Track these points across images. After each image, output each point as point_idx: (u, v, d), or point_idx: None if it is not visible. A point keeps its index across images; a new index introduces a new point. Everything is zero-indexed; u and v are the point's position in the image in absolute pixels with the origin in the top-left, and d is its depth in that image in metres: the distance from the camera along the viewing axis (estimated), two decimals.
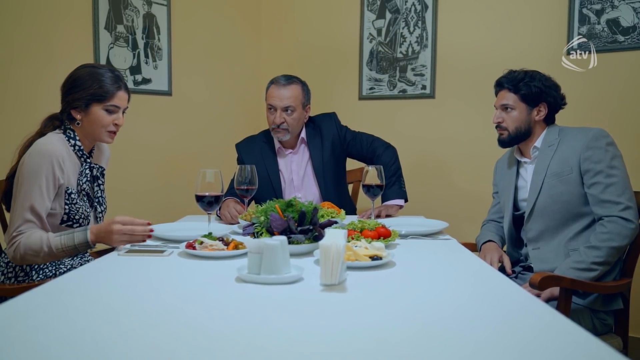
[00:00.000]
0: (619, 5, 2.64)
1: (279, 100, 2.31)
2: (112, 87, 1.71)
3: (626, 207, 1.73)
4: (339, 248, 1.15)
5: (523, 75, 1.92)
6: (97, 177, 1.82)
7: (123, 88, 1.75)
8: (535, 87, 1.89)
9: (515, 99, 1.92)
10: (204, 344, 0.84)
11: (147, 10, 2.91)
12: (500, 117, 1.95)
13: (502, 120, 1.95)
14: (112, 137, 1.77)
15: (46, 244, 1.57)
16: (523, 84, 1.90)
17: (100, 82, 1.70)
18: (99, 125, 1.72)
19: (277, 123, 2.32)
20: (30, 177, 1.61)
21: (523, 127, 1.92)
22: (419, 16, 3.10)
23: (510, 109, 1.93)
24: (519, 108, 1.92)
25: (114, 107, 1.73)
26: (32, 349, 0.82)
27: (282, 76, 2.38)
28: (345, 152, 2.49)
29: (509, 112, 1.93)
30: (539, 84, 1.89)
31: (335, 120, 2.50)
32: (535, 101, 1.91)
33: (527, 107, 1.91)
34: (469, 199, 3.02)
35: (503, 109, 1.95)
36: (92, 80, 1.69)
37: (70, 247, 1.59)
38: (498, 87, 1.99)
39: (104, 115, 1.72)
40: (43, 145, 1.64)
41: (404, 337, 0.89)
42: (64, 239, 1.59)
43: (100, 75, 1.71)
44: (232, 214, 2.06)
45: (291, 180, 2.45)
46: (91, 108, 1.71)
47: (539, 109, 1.91)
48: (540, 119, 1.92)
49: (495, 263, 1.92)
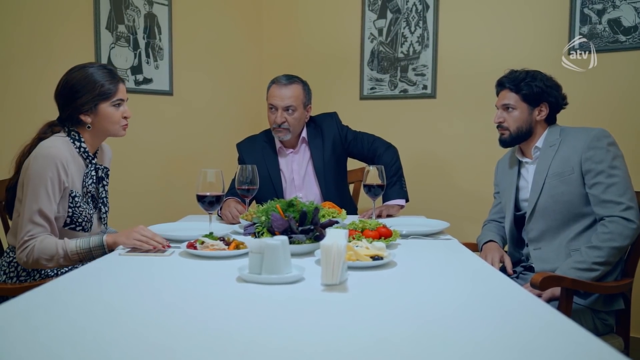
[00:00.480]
0: (620, 5, 2.64)
1: (280, 100, 2.32)
2: (113, 82, 1.74)
3: (627, 207, 1.73)
4: (340, 248, 1.15)
5: (524, 75, 1.92)
6: (102, 178, 1.83)
7: (120, 81, 1.78)
8: (537, 87, 1.88)
9: (517, 99, 1.92)
10: (205, 343, 0.85)
11: (148, 10, 2.92)
12: (501, 116, 1.95)
13: (503, 120, 1.95)
14: (125, 129, 1.81)
15: (62, 248, 1.59)
16: (524, 83, 1.90)
17: (100, 81, 1.71)
18: (111, 122, 1.75)
19: (278, 123, 2.32)
20: (35, 180, 1.61)
21: (524, 127, 1.92)
22: (420, 16, 3.10)
23: (512, 109, 1.93)
24: (520, 108, 1.92)
25: (120, 101, 1.77)
26: (33, 348, 0.82)
27: (283, 76, 2.38)
28: (346, 152, 2.49)
29: (510, 112, 1.93)
30: (540, 83, 1.89)
31: (336, 120, 2.50)
32: (536, 101, 1.90)
33: (529, 107, 1.91)
34: (470, 199, 3.02)
35: (504, 108, 1.95)
36: (92, 82, 1.71)
37: (85, 250, 1.61)
38: (499, 86, 1.99)
39: (114, 111, 1.75)
40: (47, 149, 1.64)
41: (405, 337, 0.89)
42: (80, 242, 1.61)
43: (97, 75, 1.72)
44: (233, 213, 2.06)
45: (292, 179, 2.45)
46: (99, 108, 1.73)
47: (540, 109, 1.91)
48: (541, 119, 1.92)
49: (497, 263, 1.92)
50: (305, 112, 2.40)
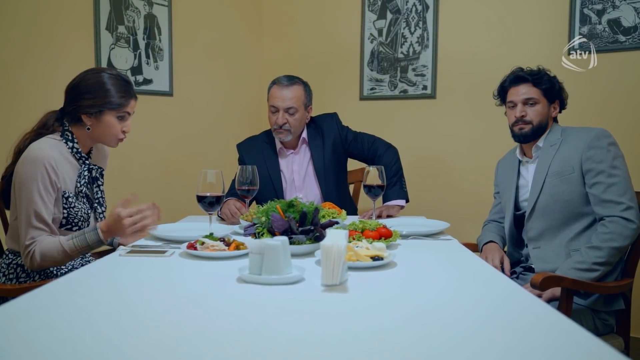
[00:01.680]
0: (620, 5, 2.64)
1: (281, 101, 2.32)
2: (126, 96, 1.73)
3: (628, 207, 1.73)
4: (340, 248, 1.15)
5: (542, 71, 1.93)
6: (97, 178, 1.82)
7: (134, 96, 1.77)
8: (553, 83, 1.91)
9: (539, 93, 1.91)
10: (205, 344, 0.84)
11: (148, 11, 2.92)
12: (524, 110, 1.93)
13: (525, 113, 1.92)
14: (118, 143, 1.80)
15: (60, 248, 1.60)
16: (546, 78, 1.91)
17: (113, 91, 1.71)
18: (109, 132, 1.75)
19: (279, 124, 2.32)
20: (27, 184, 1.61)
21: (544, 121, 1.92)
22: (419, 16, 3.10)
23: (534, 103, 1.92)
24: (542, 102, 1.92)
25: (126, 114, 1.76)
26: (33, 349, 0.82)
27: (284, 77, 2.38)
28: (346, 153, 2.49)
29: (532, 106, 1.92)
30: (555, 80, 1.91)
31: (337, 121, 2.50)
32: (553, 97, 1.92)
33: (547, 102, 1.92)
34: (470, 199, 3.02)
35: (525, 102, 1.93)
36: (104, 89, 1.70)
37: (84, 247, 1.63)
38: (517, 81, 1.95)
39: (116, 124, 1.74)
40: (33, 152, 1.64)
41: (405, 338, 0.89)
42: (76, 241, 1.62)
43: (113, 85, 1.71)
44: (232, 210, 2.07)
45: (292, 180, 2.45)
46: (104, 115, 1.72)
47: (555, 105, 1.93)
48: (554, 116, 1.94)
49: (498, 265, 1.92)
50: (306, 113, 2.41)
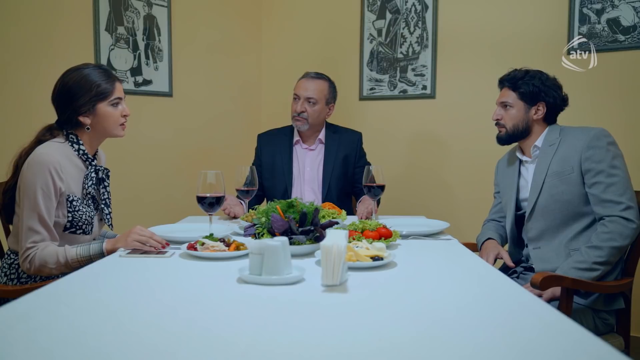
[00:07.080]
0: (619, 5, 2.64)
1: (303, 90, 2.48)
2: (109, 82, 1.74)
3: (627, 206, 1.73)
4: (340, 249, 1.15)
5: (523, 74, 1.94)
6: (103, 180, 1.83)
7: (116, 79, 1.79)
8: (534, 86, 1.90)
9: (514, 97, 1.94)
10: (205, 345, 0.85)
11: (147, 12, 2.92)
12: (499, 114, 1.98)
13: (500, 117, 1.97)
14: (124, 129, 1.82)
15: (62, 256, 1.61)
16: (522, 82, 1.92)
17: (96, 81, 1.72)
18: (110, 121, 1.76)
19: (297, 111, 2.47)
20: (30, 187, 1.62)
21: (521, 125, 1.94)
22: (419, 16, 3.10)
23: (509, 107, 1.95)
24: (517, 106, 1.94)
25: (118, 99, 1.77)
26: (33, 350, 0.82)
27: (314, 72, 2.55)
28: (352, 172, 2.58)
29: (507, 110, 1.96)
30: (538, 83, 1.91)
31: (359, 140, 2.61)
32: (533, 100, 1.92)
33: (526, 105, 1.93)
34: (470, 199, 3.02)
35: (502, 106, 1.97)
36: (89, 82, 1.71)
37: (85, 257, 1.63)
38: (499, 85, 2.02)
39: (112, 111, 1.75)
40: (39, 156, 1.64)
41: (405, 338, 0.89)
42: (80, 250, 1.63)
43: (93, 75, 1.72)
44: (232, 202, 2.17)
45: (303, 172, 2.56)
46: (98, 108, 1.73)
47: (537, 108, 1.93)
48: (538, 118, 1.93)
49: (491, 260, 1.93)
50: (327, 109, 2.54)
